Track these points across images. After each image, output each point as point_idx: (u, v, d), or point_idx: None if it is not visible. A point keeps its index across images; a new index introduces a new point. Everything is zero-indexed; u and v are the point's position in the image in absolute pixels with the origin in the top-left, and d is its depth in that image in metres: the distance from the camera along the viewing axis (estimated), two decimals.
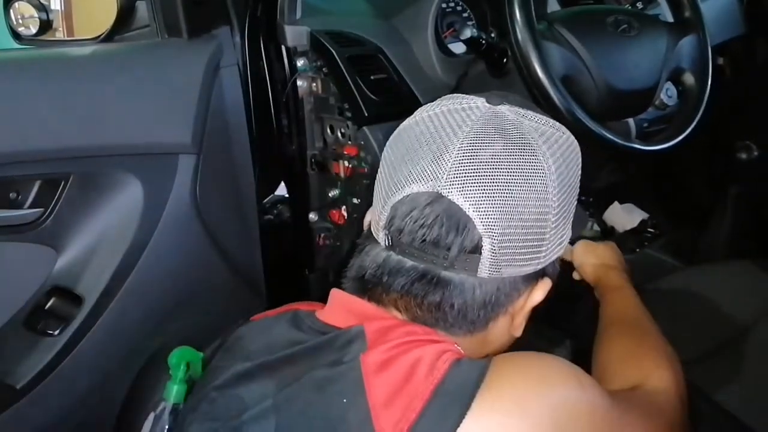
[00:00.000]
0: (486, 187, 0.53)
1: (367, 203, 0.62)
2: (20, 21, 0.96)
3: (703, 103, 1.04)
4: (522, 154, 0.55)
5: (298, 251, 1.17)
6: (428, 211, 0.54)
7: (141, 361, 0.98)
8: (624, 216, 1.73)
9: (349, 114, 1.00)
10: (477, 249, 0.54)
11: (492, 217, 0.53)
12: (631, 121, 1.15)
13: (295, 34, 1.01)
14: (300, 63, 1.03)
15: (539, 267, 0.58)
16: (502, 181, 0.54)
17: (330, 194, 1.08)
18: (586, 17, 1.03)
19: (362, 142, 0.98)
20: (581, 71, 0.95)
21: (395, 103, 1.01)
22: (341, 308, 0.61)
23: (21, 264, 0.82)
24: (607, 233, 1.74)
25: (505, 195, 0.54)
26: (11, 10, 0.96)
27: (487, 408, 0.49)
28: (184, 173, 0.90)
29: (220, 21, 0.96)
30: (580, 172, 0.62)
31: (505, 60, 0.95)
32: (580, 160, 0.62)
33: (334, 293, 0.63)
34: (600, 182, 1.68)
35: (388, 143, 0.61)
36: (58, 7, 0.97)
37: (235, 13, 0.98)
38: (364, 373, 0.52)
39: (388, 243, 0.57)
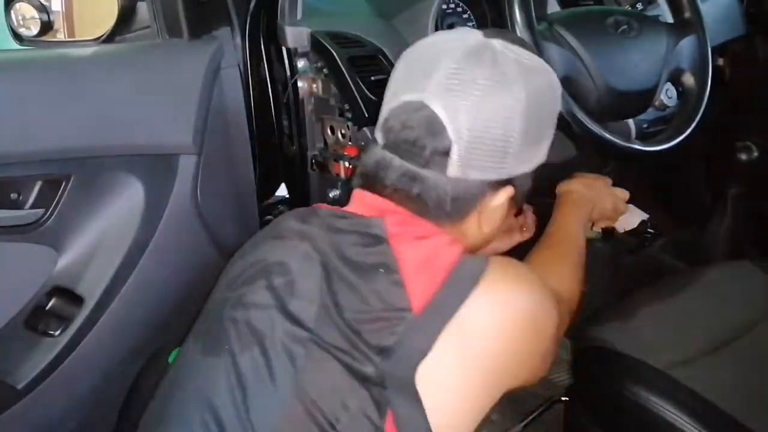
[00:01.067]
0: (462, 104, 0.65)
1: None
2: (21, 22, 0.97)
3: (703, 103, 1.05)
4: (498, 80, 0.66)
5: None
6: (414, 116, 0.67)
7: (141, 361, 0.98)
8: (624, 216, 1.73)
9: (349, 115, 1.00)
10: (447, 152, 0.66)
11: (462, 127, 0.65)
12: (631, 121, 1.15)
13: (295, 35, 1.01)
14: (300, 64, 1.03)
15: (502, 177, 0.70)
16: (476, 100, 0.65)
17: (330, 195, 1.08)
18: (586, 18, 1.03)
19: (363, 143, 0.98)
20: (581, 72, 0.95)
21: None
22: (361, 203, 0.73)
23: (22, 264, 0.82)
24: (607, 233, 1.74)
25: (476, 112, 0.65)
26: (12, 11, 0.96)
27: (487, 289, 0.63)
28: (184, 174, 0.90)
29: (221, 22, 0.96)
30: (556, 107, 0.73)
31: None
32: (556, 96, 0.73)
33: (355, 192, 0.75)
34: None
35: (398, 60, 0.73)
36: (59, 8, 0.97)
37: (235, 14, 0.98)
38: (394, 251, 0.65)
39: (383, 140, 0.71)
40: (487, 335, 0.63)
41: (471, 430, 0.64)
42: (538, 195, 1.56)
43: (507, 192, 0.71)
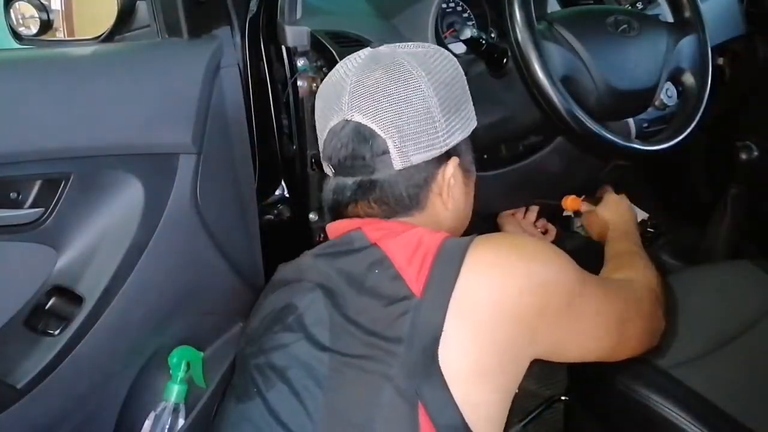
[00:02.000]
0: (376, 103, 0.72)
1: None
2: (21, 21, 0.96)
3: (703, 103, 1.04)
4: (397, 71, 0.73)
5: (298, 251, 1.17)
6: (343, 134, 0.74)
7: (141, 361, 0.98)
8: None
9: None
10: (385, 150, 0.72)
11: (387, 122, 0.72)
12: (631, 121, 1.15)
13: (295, 35, 1.01)
14: (300, 63, 1.03)
15: (444, 149, 0.75)
16: (386, 94, 0.72)
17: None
18: (586, 17, 1.03)
19: None
20: (581, 71, 0.95)
21: None
22: (336, 232, 0.77)
23: (21, 264, 0.82)
24: None
25: (391, 103, 0.72)
26: (12, 10, 0.96)
27: (474, 263, 0.66)
28: (184, 173, 0.90)
29: (221, 21, 0.96)
30: (459, 73, 0.79)
31: (505, 60, 0.95)
32: (455, 65, 0.79)
33: (327, 228, 0.79)
34: (600, 182, 1.68)
35: (315, 103, 0.81)
36: (59, 7, 0.97)
37: (235, 14, 0.98)
38: (384, 250, 0.69)
39: (331, 170, 0.78)
40: (489, 306, 0.65)
41: (502, 405, 0.66)
42: (542, 196, 1.57)
43: (453, 162, 0.77)
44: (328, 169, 0.78)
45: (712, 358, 0.97)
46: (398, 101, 0.72)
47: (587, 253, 1.73)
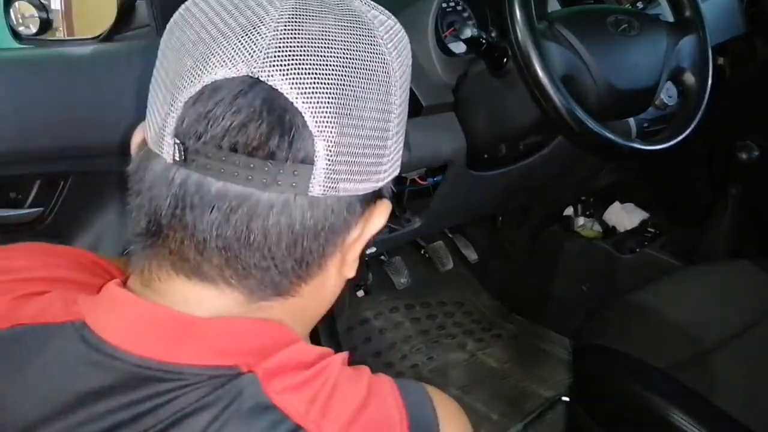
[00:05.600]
0: (317, 70, 0.39)
1: None
2: (20, 20, 0.96)
3: (703, 103, 1.04)
4: (358, 32, 0.41)
5: None
6: (241, 103, 0.38)
7: None
8: (624, 216, 1.74)
9: None
10: (308, 156, 0.39)
11: (327, 110, 0.39)
12: (631, 120, 1.15)
13: None
14: None
15: (379, 184, 0.44)
16: (338, 63, 0.40)
17: None
18: (587, 17, 1.03)
19: None
20: (581, 71, 0.95)
21: None
22: (147, 325, 0.41)
23: None
24: (607, 233, 1.74)
25: (342, 81, 0.39)
26: (11, 10, 0.96)
27: None
28: None
29: None
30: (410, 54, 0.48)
31: (505, 60, 0.95)
32: (411, 58, 0.48)
33: (118, 296, 0.42)
34: (600, 182, 1.68)
35: (167, 28, 0.43)
36: (58, 7, 0.97)
37: None
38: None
39: (179, 155, 0.39)
40: None
41: None
42: (542, 196, 1.56)
43: (385, 208, 0.46)
44: (168, 152, 0.40)
45: (712, 358, 0.97)
46: (354, 84, 0.40)
47: (587, 253, 1.74)
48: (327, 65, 0.39)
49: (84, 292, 0.45)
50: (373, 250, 1.18)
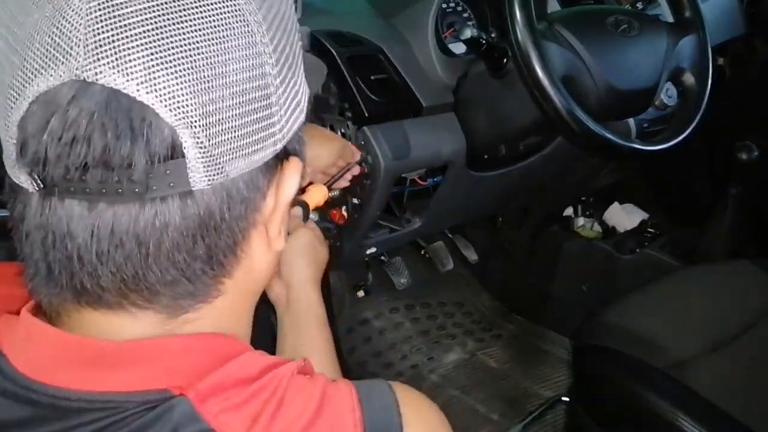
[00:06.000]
0: (153, 48, 0.32)
1: (367, 203, 0.57)
2: None
3: (703, 103, 1.05)
4: None
5: None
6: (74, 114, 0.32)
7: None
8: (624, 216, 1.74)
9: (349, 114, 1.00)
10: (175, 150, 0.34)
11: (178, 91, 0.33)
12: (631, 121, 1.15)
13: None
14: None
15: (279, 146, 0.38)
16: (174, 30, 0.33)
17: (330, 194, 1.08)
18: (587, 17, 1.03)
19: (362, 142, 0.98)
20: (581, 71, 0.95)
21: (395, 103, 1.01)
22: (63, 355, 0.38)
23: None
24: (607, 233, 1.74)
25: (186, 50, 0.33)
26: None
27: None
28: None
29: None
30: (291, 4, 0.42)
31: (505, 60, 0.95)
32: None
33: (33, 326, 0.39)
34: (600, 182, 1.68)
35: None
36: None
37: None
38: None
39: (39, 185, 0.34)
40: None
41: None
42: (542, 196, 1.55)
43: (295, 167, 0.41)
44: (26, 183, 0.35)
45: (712, 358, 0.97)
46: (204, 50, 0.34)
47: (587, 254, 1.74)
48: (162, 38, 0.32)
49: (15, 307, 0.42)
50: (373, 250, 1.18)
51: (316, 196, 0.77)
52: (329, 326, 0.71)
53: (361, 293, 1.69)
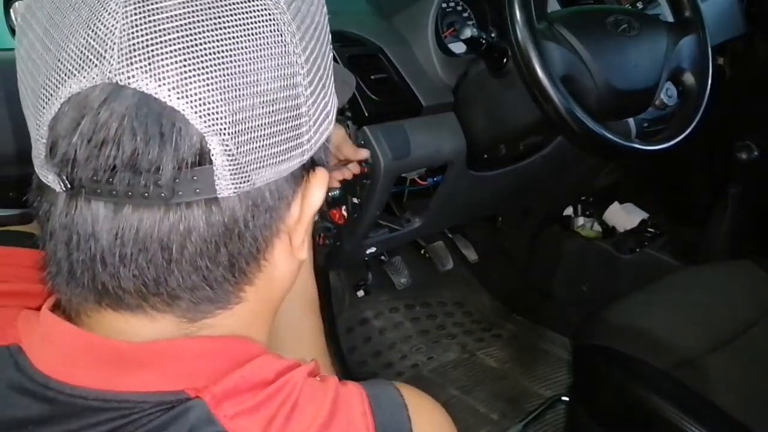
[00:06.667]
0: (187, 54, 0.33)
1: (368, 203, 0.56)
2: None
3: (703, 103, 1.05)
4: None
5: None
6: (105, 117, 0.33)
7: None
8: (624, 216, 1.74)
9: (349, 114, 1.00)
10: (203, 156, 0.34)
11: (210, 98, 0.33)
12: (631, 121, 1.15)
13: None
14: None
15: (306, 157, 0.39)
16: (209, 37, 0.33)
17: (330, 194, 1.08)
18: (587, 17, 1.03)
19: (362, 142, 0.98)
20: (581, 71, 0.95)
21: (396, 102, 1.01)
22: (82, 355, 0.38)
23: None
24: (607, 233, 1.74)
25: (220, 58, 0.33)
26: (12, 10, 0.96)
27: None
28: None
29: None
30: (325, 13, 0.42)
31: (505, 60, 0.95)
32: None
33: (52, 324, 0.39)
34: (600, 182, 1.68)
35: (16, 36, 0.39)
36: None
37: None
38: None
39: (63, 186, 0.35)
40: None
41: None
42: (542, 196, 1.55)
43: (322, 178, 0.41)
44: (54, 183, 0.36)
45: (712, 358, 0.97)
46: (238, 58, 0.34)
47: (587, 253, 1.74)
48: (195, 45, 0.33)
49: (34, 303, 0.42)
50: (373, 249, 1.18)
51: None
52: (320, 314, 0.70)
53: (360, 293, 1.69)
